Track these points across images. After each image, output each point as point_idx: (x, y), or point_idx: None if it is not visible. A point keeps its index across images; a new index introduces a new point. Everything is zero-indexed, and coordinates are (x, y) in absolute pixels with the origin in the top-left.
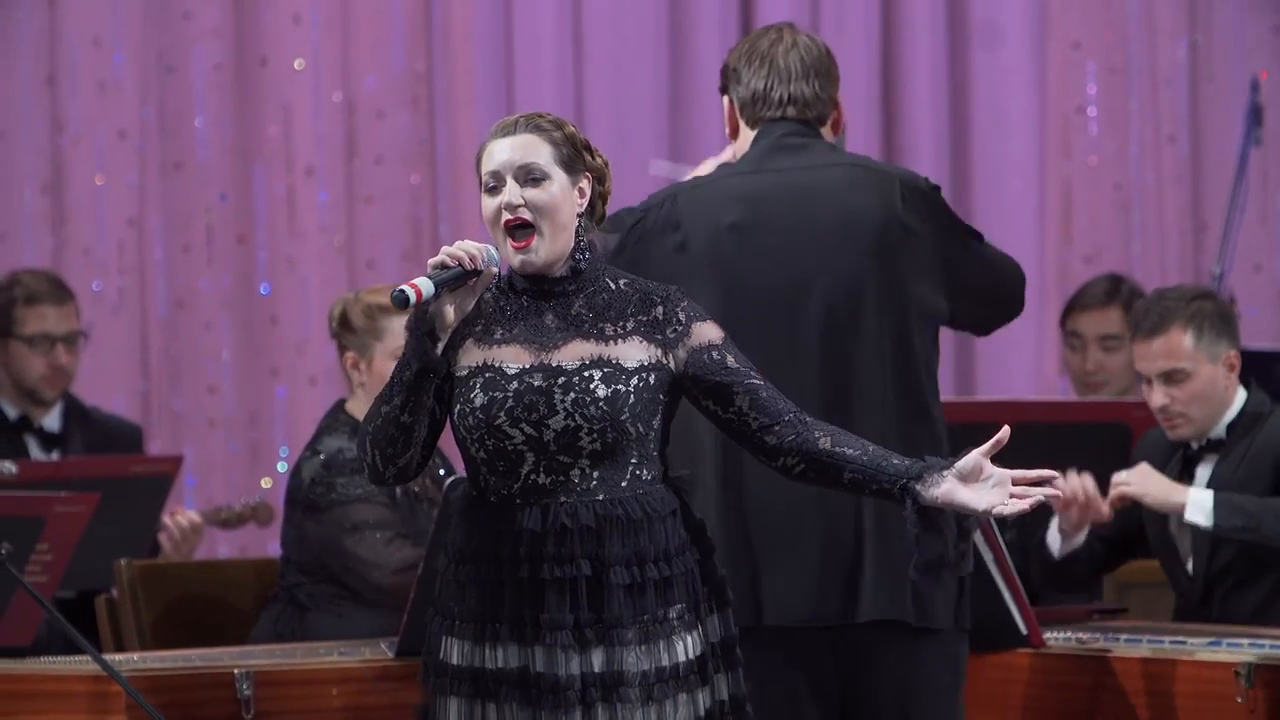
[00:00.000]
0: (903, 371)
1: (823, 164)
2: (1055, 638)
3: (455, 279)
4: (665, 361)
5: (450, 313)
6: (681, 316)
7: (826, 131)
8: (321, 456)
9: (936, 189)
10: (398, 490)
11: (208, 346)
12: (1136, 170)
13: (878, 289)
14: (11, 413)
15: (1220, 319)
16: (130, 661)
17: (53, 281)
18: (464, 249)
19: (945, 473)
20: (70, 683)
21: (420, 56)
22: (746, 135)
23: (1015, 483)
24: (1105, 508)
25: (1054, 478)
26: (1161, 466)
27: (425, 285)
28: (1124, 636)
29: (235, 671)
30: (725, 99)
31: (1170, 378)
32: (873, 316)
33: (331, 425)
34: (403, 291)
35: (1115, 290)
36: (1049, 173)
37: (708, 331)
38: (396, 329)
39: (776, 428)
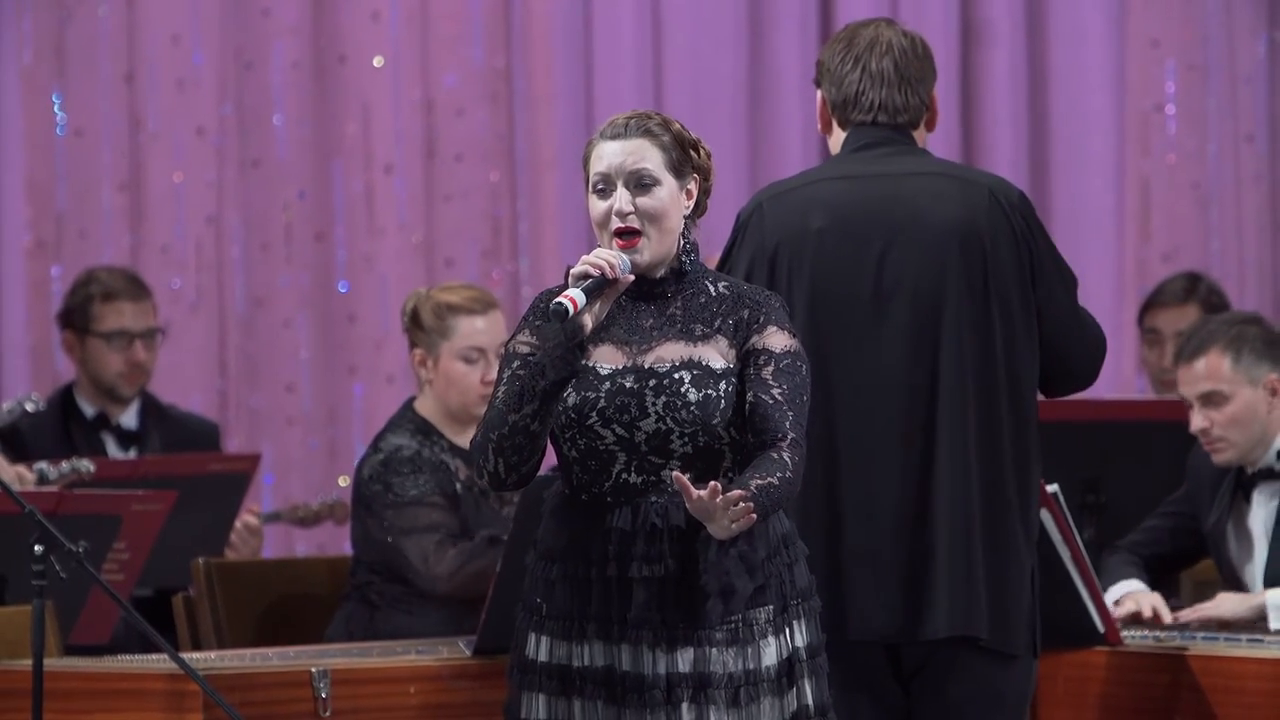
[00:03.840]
0: (984, 378)
1: (910, 172)
2: (1132, 636)
3: (598, 288)
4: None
5: (589, 322)
6: (761, 319)
7: (920, 133)
8: (381, 455)
9: (1025, 199)
10: (458, 486)
11: (286, 344)
12: (1215, 168)
13: (961, 297)
14: (89, 410)
15: (1265, 344)
16: (207, 660)
17: (130, 278)
18: (603, 258)
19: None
20: (147, 681)
21: (499, 53)
22: (838, 134)
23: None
24: (1169, 615)
25: (744, 495)
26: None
27: (578, 296)
28: (1200, 635)
29: (312, 670)
30: (819, 93)
31: (1209, 400)
32: (954, 325)
33: (396, 423)
34: (561, 304)
35: (1193, 288)
36: (1128, 171)
37: (773, 339)
38: (464, 329)
39: (752, 445)
